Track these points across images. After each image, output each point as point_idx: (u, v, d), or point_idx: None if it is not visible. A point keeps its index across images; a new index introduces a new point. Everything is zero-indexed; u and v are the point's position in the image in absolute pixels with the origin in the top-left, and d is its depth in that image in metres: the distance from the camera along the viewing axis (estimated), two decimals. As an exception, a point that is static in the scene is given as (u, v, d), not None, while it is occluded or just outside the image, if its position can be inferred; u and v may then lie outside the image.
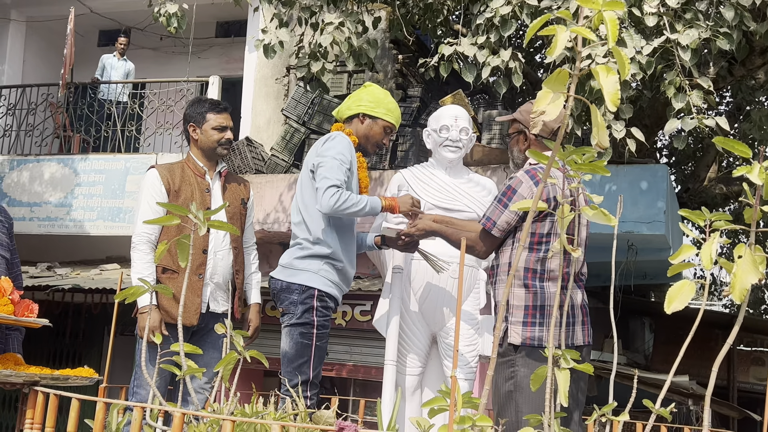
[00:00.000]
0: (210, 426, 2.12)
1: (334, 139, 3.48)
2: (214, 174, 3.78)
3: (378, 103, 3.61)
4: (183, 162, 3.79)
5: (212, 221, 2.27)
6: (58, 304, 9.36)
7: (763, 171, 2.08)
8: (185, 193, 3.63)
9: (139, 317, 3.51)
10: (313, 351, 3.33)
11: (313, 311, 3.37)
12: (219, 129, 3.73)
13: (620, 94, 4.91)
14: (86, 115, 9.69)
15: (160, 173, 3.67)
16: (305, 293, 3.38)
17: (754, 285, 2.25)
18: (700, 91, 4.84)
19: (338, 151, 3.41)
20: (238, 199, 3.82)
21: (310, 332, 3.35)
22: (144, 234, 3.60)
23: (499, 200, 3.00)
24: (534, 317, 2.92)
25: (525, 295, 2.93)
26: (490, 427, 2.04)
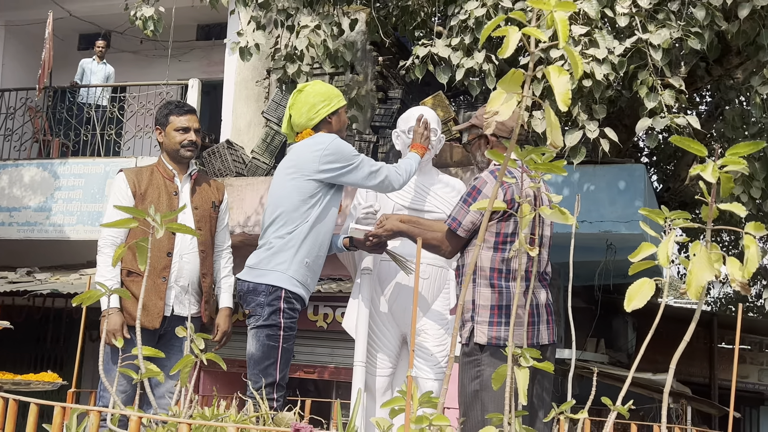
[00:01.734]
0: (168, 429, 2.11)
1: (333, 143, 3.48)
2: (184, 177, 3.77)
3: (327, 98, 3.60)
4: (154, 165, 3.79)
5: (171, 224, 2.26)
6: (39, 309, 9.31)
7: (716, 170, 2.10)
8: (151, 196, 3.63)
9: (102, 320, 3.49)
10: (280, 353, 3.31)
11: (280, 313, 3.35)
12: (181, 130, 3.72)
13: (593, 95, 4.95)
14: (65, 119, 9.65)
15: (127, 176, 3.68)
16: (272, 294, 3.36)
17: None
18: (672, 91, 4.87)
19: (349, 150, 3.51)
20: (208, 201, 3.80)
21: (276, 334, 3.33)
22: (109, 237, 3.60)
23: (464, 201, 3.01)
24: (500, 317, 2.92)
25: (491, 295, 2.94)
26: (447, 425, 2.04)
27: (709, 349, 11.10)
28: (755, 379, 11.58)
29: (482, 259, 2.98)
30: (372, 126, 8.46)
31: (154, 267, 3.55)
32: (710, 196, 2.19)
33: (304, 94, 3.61)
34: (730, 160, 2.12)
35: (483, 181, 3.00)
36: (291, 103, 3.63)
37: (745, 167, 2.11)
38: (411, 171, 3.56)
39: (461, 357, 2.98)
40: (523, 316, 2.83)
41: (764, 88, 5.33)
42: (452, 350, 2.15)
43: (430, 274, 3.71)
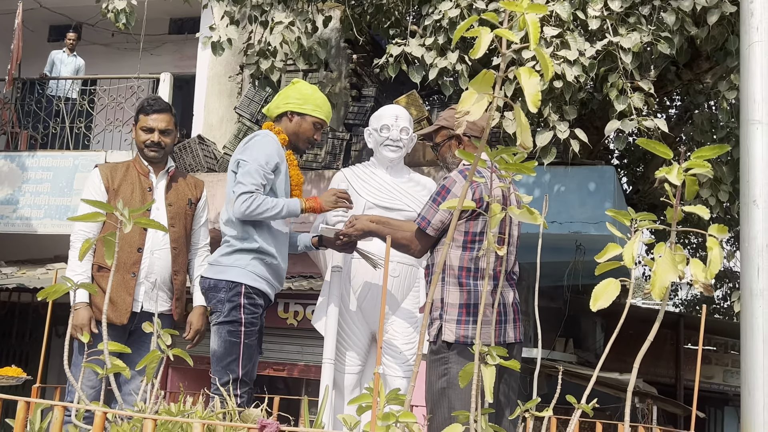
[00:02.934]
0: (134, 425, 2.10)
1: (255, 140, 3.46)
2: (161, 173, 3.71)
3: (305, 100, 3.57)
4: (131, 161, 3.74)
5: (140, 219, 2.25)
6: (4, 304, 9.18)
7: (681, 172, 2.13)
8: (124, 192, 3.58)
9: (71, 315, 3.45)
10: (242, 349, 3.29)
11: (241, 309, 3.33)
12: (145, 130, 3.65)
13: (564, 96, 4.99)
14: (34, 111, 9.53)
15: (101, 171, 3.64)
16: (232, 290, 3.35)
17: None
18: (642, 94, 4.93)
19: (256, 154, 3.39)
20: (184, 199, 3.74)
21: (237, 330, 3.31)
22: (81, 232, 3.55)
23: (433, 200, 3.03)
24: (468, 315, 2.95)
25: (459, 294, 2.96)
26: (414, 422, 2.06)
27: (675, 350, 11.26)
28: (720, 380, 11.77)
29: (451, 258, 2.99)
30: (345, 123, 8.45)
31: (124, 262, 3.51)
32: (675, 198, 2.23)
33: (290, 86, 3.63)
34: (695, 163, 2.16)
35: (452, 181, 3.02)
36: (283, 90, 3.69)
37: (709, 170, 2.15)
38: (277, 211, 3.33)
39: (429, 355, 3.00)
40: (490, 315, 2.86)
41: (731, 93, 5.42)
42: (420, 348, 2.16)
43: (400, 273, 3.72)
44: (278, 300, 8.14)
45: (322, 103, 3.61)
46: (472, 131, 3.17)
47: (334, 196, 3.45)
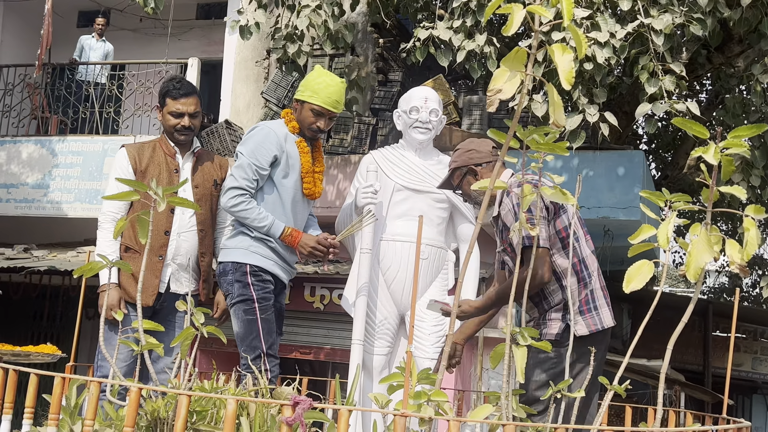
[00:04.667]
0: (168, 401, 2.13)
1: (252, 133, 3.55)
2: (186, 154, 3.71)
3: (306, 86, 3.55)
4: (156, 141, 3.72)
5: (171, 198, 2.27)
6: (36, 287, 9.31)
7: (718, 152, 2.10)
8: (152, 173, 3.58)
9: (100, 295, 3.48)
10: (260, 324, 3.36)
11: (250, 287, 3.41)
12: (174, 115, 3.60)
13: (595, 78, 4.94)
14: (64, 96, 9.61)
15: (128, 152, 3.63)
16: (238, 271, 3.45)
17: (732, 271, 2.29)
18: (673, 76, 4.86)
19: (252, 148, 3.48)
20: (210, 180, 3.74)
21: (251, 307, 3.38)
22: (109, 213, 3.57)
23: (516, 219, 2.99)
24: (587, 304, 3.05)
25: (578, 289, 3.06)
26: (445, 401, 2.06)
27: (703, 337, 11.16)
28: (749, 368, 11.65)
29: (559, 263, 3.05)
30: (371, 108, 8.44)
31: (152, 245, 3.49)
32: (711, 178, 2.20)
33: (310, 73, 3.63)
34: (732, 143, 2.13)
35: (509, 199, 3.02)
36: None
37: (746, 150, 2.12)
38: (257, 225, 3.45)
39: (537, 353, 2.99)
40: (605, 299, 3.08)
41: (765, 76, 5.34)
42: (451, 328, 2.16)
43: (429, 255, 3.72)
44: (305, 284, 8.17)
45: (321, 89, 3.53)
46: (480, 158, 3.21)
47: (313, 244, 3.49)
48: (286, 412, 1.86)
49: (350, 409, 1.87)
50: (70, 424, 2.22)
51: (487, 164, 3.22)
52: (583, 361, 2.94)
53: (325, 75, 3.60)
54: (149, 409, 2.12)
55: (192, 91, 3.67)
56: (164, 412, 2.12)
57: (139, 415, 2.16)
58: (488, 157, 3.23)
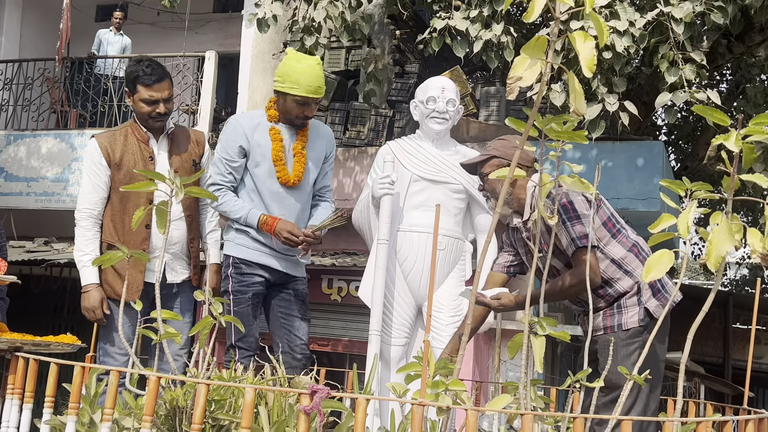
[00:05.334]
0: (187, 390, 2.14)
1: (223, 128, 3.66)
2: (161, 137, 3.53)
3: (284, 78, 3.48)
4: (128, 127, 3.54)
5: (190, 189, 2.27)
6: (56, 279, 9.39)
7: (739, 139, 2.08)
8: (127, 164, 3.45)
9: (82, 297, 3.40)
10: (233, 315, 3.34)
11: (229, 279, 3.52)
12: (148, 102, 3.41)
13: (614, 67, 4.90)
14: (83, 90, 9.66)
15: (99, 144, 3.46)
16: (224, 263, 3.58)
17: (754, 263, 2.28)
18: (693, 65, 4.81)
19: (221, 144, 3.57)
20: (189, 161, 3.60)
21: (228, 299, 3.46)
22: (86, 210, 3.46)
23: (572, 218, 2.97)
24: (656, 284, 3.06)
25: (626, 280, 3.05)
26: (463, 390, 2.05)
27: (723, 329, 11.08)
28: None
29: (615, 250, 3.06)
30: (388, 100, 8.42)
31: (132, 240, 3.43)
32: (732, 166, 2.18)
33: (283, 60, 3.54)
34: (753, 130, 2.10)
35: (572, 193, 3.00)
36: None
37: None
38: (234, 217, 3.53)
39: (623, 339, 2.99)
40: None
41: (787, 65, 5.27)
42: (468, 316, 2.15)
43: (446, 245, 3.71)
44: (322, 276, 8.18)
45: (300, 78, 3.44)
46: (522, 161, 3.13)
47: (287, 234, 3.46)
48: (304, 401, 1.87)
49: (368, 398, 1.87)
50: (90, 413, 2.24)
51: (526, 169, 3.15)
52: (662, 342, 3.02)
53: (301, 60, 3.50)
54: (168, 398, 2.13)
55: (164, 75, 3.48)
56: (183, 401, 2.13)
57: (158, 403, 2.17)
58: (529, 163, 3.18)
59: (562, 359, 7.35)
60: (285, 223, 3.48)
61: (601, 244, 3.06)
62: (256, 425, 2.12)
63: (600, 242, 3.05)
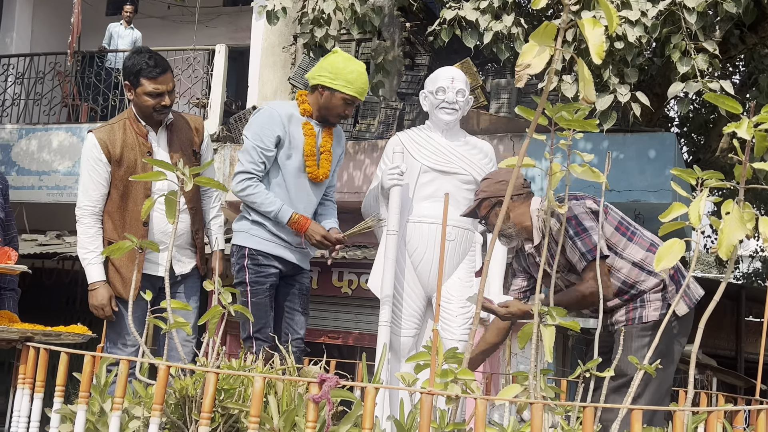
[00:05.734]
0: (196, 379, 2.14)
1: (256, 115, 3.54)
2: (159, 130, 3.47)
3: (337, 75, 3.48)
4: (125, 120, 3.44)
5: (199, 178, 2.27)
6: (68, 273, 9.45)
7: (751, 126, 2.06)
8: (128, 160, 3.38)
9: (90, 295, 3.37)
10: (250, 308, 3.37)
11: (245, 270, 3.46)
12: (153, 96, 3.35)
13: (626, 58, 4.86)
14: (94, 83, 9.70)
15: (98, 140, 3.37)
16: (238, 253, 3.50)
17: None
18: (706, 55, 4.77)
19: (255, 130, 3.48)
20: (188, 151, 3.54)
21: (244, 290, 3.43)
22: (87, 207, 3.39)
23: (579, 233, 2.97)
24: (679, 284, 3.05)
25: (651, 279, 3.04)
26: (472, 380, 2.05)
27: (736, 322, 11.02)
28: (782, 353, 11.48)
29: (632, 252, 3.05)
30: (398, 93, 8.41)
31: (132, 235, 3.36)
32: (744, 154, 2.16)
33: (330, 56, 3.57)
34: (765, 118, 2.08)
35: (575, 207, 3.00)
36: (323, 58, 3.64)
37: (781, 124, 2.07)
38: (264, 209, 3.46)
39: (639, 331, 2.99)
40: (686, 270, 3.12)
41: (801, 55, 5.22)
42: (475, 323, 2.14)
43: (456, 236, 3.69)
44: (333, 269, 8.18)
45: (355, 79, 3.49)
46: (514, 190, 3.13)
47: (320, 237, 3.48)
48: (313, 390, 1.87)
49: (377, 386, 1.87)
50: (100, 402, 2.25)
51: (518, 197, 3.15)
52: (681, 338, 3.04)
53: (353, 62, 3.54)
54: (178, 387, 2.14)
55: (166, 67, 3.42)
56: (192, 390, 2.13)
57: (168, 392, 2.18)
58: (520, 189, 3.17)
59: (573, 352, 7.33)
60: (317, 227, 3.50)
61: (619, 249, 3.05)
62: (266, 414, 2.12)
63: (617, 248, 3.06)
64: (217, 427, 2.13)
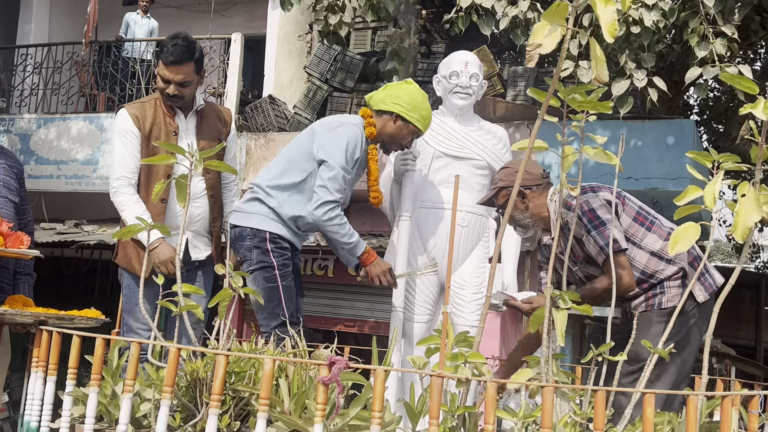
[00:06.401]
0: (207, 362, 2.14)
1: (344, 133, 3.37)
2: (189, 114, 3.50)
3: (415, 109, 3.46)
4: (156, 99, 3.50)
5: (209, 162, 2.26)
6: (87, 261, 9.52)
7: (767, 107, 2.02)
8: (155, 137, 3.42)
9: (152, 254, 3.35)
10: (282, 291, 3.29)
11: (270, 253, 3.32)
12: (163, 80, 3.40)
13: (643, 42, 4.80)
14: (111, 73, 9.74)
15: (130, 114, 3.44)
16: (257, 237, 3.34)
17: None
18: (724, 39, 4.70)
19: (346, 156, 3.34)
20: (215, 139, 3.55)
21: (272, 274, 3.30)
22: (124, 177, 3.44)
23: (597, 226, 2.94)
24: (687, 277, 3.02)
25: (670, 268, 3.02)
26: (483, 363, 2.03)
27: (756, 312, 10.93)
28: (802, 343, 11.39)
29: (654, 244, 3.03)
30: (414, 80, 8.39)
31: (150, 214, 3.39)
32: (760, 135, 2.12)
33: (406, 86, 3.52)
34: (783, 98, 2.04)
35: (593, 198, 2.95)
36: (394, 84, 3.56)
37: (798, 104, 2.03)
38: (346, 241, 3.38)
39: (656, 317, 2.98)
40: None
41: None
42: (489, 287, 2.13)
43: (469, 222, 3.68)
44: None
45: (428, 116, 3.51)
46: (529, 181, 3.09)
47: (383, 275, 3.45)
48: (323, 372, 1.86)
49: (386, 369, 1.86)
50: (112, 385, 2.25)
51: (536, 187, 3.12)
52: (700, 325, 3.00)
53: (426, 98, 3.54)
54: (189, 370, 2.14)
55: (181, 60, 3.38)
56: (203, 373, 2.13)
57: (179, 375, 2.18)
58: (539, 180, 3.13)
59: (590, 341, 7.29)
60: (382, 262, 3.47)
61: (638, 239, 3.03)
62: (277, 397, 2.11)
63: (636, 238, 3.03)
64: (227, 409, 2.13)
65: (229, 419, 2.14)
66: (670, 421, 2.22)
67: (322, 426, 1.83)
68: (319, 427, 1.83)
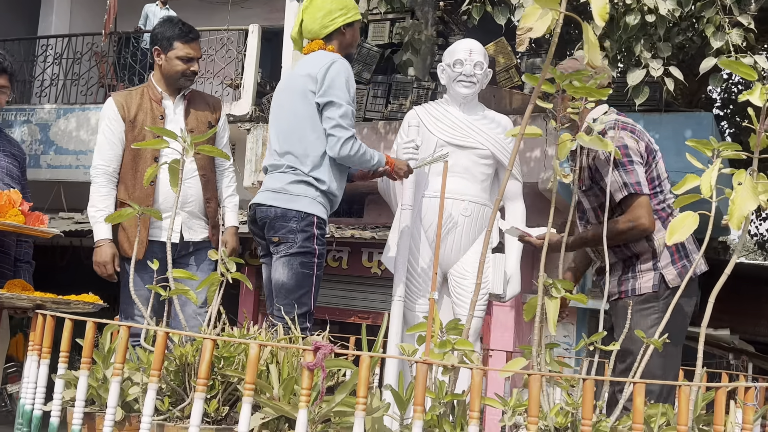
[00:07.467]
0: (197, 347, 2.14)
1: (340, 71, 3.20)
2: (177, 98, 3.53)
3: (348, 7, 3.35)
4: (144, 87, 3.55)
5: (202, 147, 2.26)
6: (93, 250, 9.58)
7: (764, 92, 1.97)
8: (141, 122, 3.45)
9: (94, 252, 3.40)
10: (314, 281, 3.18)
11: (314, 239, 3.17)
12: (184, 60, 3.46)
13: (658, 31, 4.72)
14: (130, 64, 9.81)
15: (115, 101, 3.47)
16: (304, 220, 3.17)
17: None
18: (740, 29, 4.62)
19: (350, 93, 3.23)
20: (204, 123, 3.57)
21: (311, 261, 3.16)
22: (100, 166, 3.46)
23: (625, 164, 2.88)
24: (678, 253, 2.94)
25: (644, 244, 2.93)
26: (471, 351, 2.01)
27: (774, 308, 10.77)
28: (824, 341, 11.20)
29: None
30: (431, 73, 8.34)
31: (138, 197, 3.41)
32: (758, 122, 2.08)
33: (315, 2, 3.35)
34: (782, 84, 2.00)
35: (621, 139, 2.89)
36: (305, 6, 3.39)
37: (797, 90, 1.99)
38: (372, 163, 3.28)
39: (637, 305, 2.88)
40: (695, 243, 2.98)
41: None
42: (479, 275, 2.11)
43: (472, 212, 3.64)
44: (362, 249, 8.19)
45: (351, 1, 3.39)
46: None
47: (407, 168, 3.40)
48: (308, 357, 1.85)
49: (372, 355, 1.84)
50: (103, 369, 2.26)
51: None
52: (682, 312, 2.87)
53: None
54: (177, 354, 2.14)
55: (198, 35, 3.59)
56: (192, 358, 2.13)
57: (168, 360, 2.18)
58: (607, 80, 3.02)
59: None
60: (400, 161, 3.43)
61: None
62: (266, 383, 2.11)
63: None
64: (216, 394, 2.13)
65: (218, 404, 2.14)
66: (665, 413, 2.18)
67: (306, 411, 1.82)
68: (304, 412, 1.82)
